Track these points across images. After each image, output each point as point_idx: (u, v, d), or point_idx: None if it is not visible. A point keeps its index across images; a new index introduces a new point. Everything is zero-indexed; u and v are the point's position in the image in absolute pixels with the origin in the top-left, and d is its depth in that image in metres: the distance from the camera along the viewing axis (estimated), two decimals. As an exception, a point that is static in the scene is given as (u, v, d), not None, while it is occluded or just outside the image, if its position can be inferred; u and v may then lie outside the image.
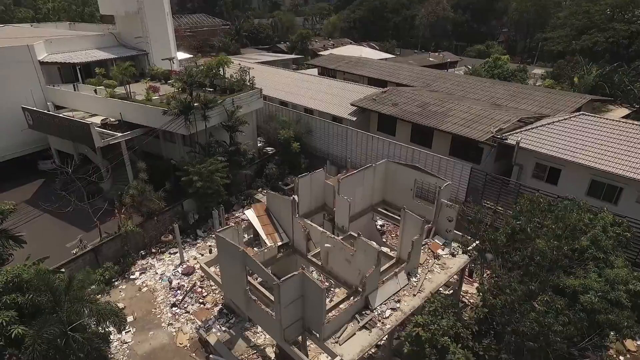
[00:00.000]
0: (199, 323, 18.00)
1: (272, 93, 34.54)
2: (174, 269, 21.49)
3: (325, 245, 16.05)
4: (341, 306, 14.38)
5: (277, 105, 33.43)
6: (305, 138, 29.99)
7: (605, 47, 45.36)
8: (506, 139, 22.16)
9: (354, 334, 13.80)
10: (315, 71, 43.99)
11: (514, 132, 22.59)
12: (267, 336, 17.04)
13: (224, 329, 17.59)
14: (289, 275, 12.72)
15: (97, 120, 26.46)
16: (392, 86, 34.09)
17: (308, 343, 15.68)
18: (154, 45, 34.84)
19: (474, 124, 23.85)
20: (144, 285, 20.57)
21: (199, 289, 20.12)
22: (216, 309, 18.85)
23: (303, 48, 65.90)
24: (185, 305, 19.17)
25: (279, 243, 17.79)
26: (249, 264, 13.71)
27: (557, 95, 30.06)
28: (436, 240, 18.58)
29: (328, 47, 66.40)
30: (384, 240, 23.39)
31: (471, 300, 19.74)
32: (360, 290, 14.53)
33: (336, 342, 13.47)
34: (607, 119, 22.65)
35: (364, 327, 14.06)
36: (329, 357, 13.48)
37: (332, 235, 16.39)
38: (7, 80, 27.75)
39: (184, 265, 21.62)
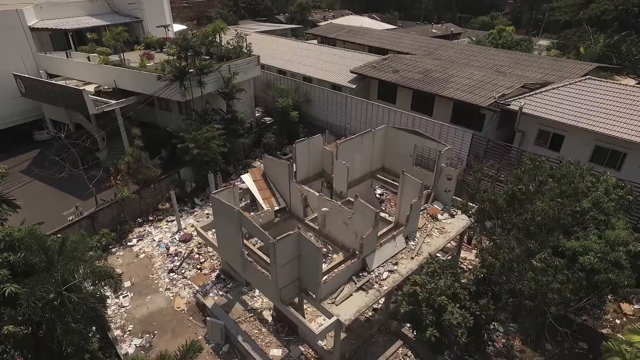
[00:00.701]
0: (197, 288, 17.97)
1: (270, 62, 33.72)
2: (171, 236, 21.38)
3: (323, 209, 15.80)
4: (338, 268, 14.22)
5: (275, 74, 32.68)
6: (304, 107, 29.44)
7: (615, 15, 43.96)
8: (509, 105, 21.63)
9: (351, 295, 13.71)
10: (314, 42, 42.91)
11: (517, 97, 22.02)
12: (265, 300, 17.04)
13: (221, 293, 17.57)
14: (285, 235, 12.50)
15: (90, 88, 25.88)
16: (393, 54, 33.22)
17: (305, 306, 15.69)
18: (148, 13, 33.80)
19: (476, 90, 23.25)
20: (142, 251, 20.49)
21: (197, 256, 20.04)
22: (213, 274, 18.80)
23: (302, 19, 64.24)
24: (183, 271, 19.13)
25: (276, 208, 17.56)
26: (244, 224, 13.48)
27: (563, 62, 29.27)
28: (435, 205, 18.34)
29: (328, 18, 64.69)
30: (383, 208, 23.17)
31: (469, 267, 19.66)
32: (358, 252, 14.36)
33: (332, 303, 13.39)
34: (613, 82, 22.01)
35: (360, 288, 13.95)
36: (326, 319, 13.42)
37: (330, 199, 16.12)
38: (-2, 50, 27.00)
39: (182, 233, 21.50)
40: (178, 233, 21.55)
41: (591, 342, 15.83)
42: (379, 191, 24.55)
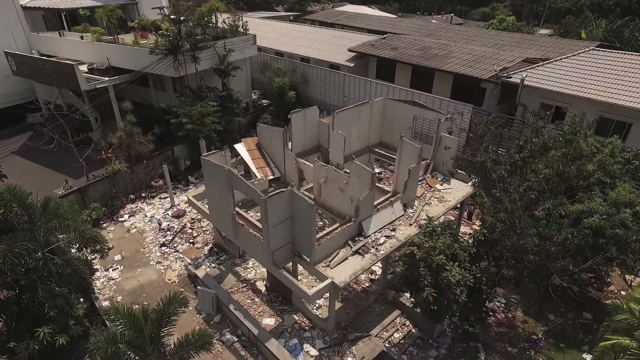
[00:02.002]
0: (189, 261, 17.45)
1: (267, 44, 33.22)
2: (164, 212, 20.86)
3: (319, 174, 15.27)
4: (333, 232, 13.68)
5: (273, 55, 32.14)
6: (301, 88, 28.90)
7: (617, 0, 43.41)
8: (510, 77, 21.08)
9: (346, 258, 13.18)
10: (313, 27, 42.39)
11: (519, 70, 21.48)
12: (258, 271, 16.51)
13: (213, 265, 17.05)
14: (277, 191, 11.99)
15: (84, 68, 25.36)
16: (392, 36, 32.70)
17: (300, 277, 15.16)
18: (143, -7, 33.32)
19: (477, 64, 22.72)
20: (133, 226, 19.97)
21: (189, 230, 19.51)
22: (206, 248, 18.27)
23: (301, 10, 63.72)
24: (175, 245, 18.60)
25: (270, 177, 17.03)
26: (235, 183, 12.94)
27: (565, 41, 28.78)
28: (434, 176, 17.79)
29: (327, 10, 64.16)
30: (381, 185, 22.61)
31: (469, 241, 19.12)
32: (354, 217, 13.81)
33: (327, 266, 12.86)
34: (617, 52, 21.45)
35: (356, 252, 13.43)
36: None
37: (325, 164, 15.58)
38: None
39: (175, 209, 20.97)
40: (171, 209, 21.02)
41: (595, 312, 15.28)
42: (377, 170, 24.01)
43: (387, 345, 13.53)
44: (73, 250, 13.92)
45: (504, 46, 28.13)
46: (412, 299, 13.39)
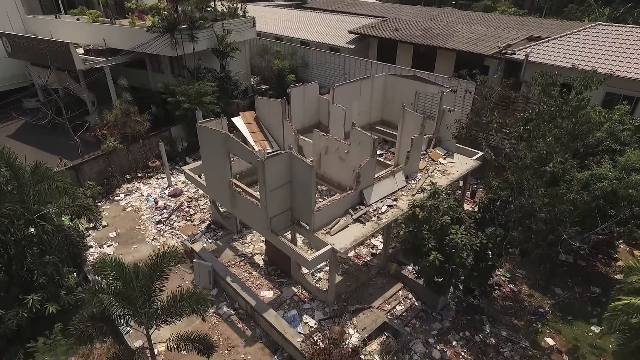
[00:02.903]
0: (185, 237, 17.01)
1: (267, 29, 32.81)
2: (160, 191, 20.44)
3: (320, 144, 14.84)
4: (333, 199, 13.24)
5: (272, 40, 31.72)
6: (301, 72, 28.48)
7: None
8: (514, 54, 20.64)
9: (347, 226, 12.74)
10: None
11: (523, 47, 21.04)
12: (256, 246, 16.07)
13: (210, 241, 16.61)
14: (275, 152, 11.55)
15: (80, 51, 24.93)
16: (393, 21, 32.26)
17: (299, 245, 14.72)
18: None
19: (480, 42, 22.29)
20: (129, 205, 19.55)
21: (187, 209, 19.08)
22: (203, 225, 17.84)
23: (301, 0, 63.29)
24: (172, 223, 18.17)
25: (269, 150, 16.58)
26: (232, 147, 12.51)
27: (568, 23, 28.32)
28: (437, 150, 17.36)
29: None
30: (382, 160, 22.16)
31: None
32: (355, 185, 13.37)
33: (327, 234, 12.42)
34: (624, 26, 21.01)
35: (358, 220, 12.99)
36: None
37: (325, 134, 15.15)
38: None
39: (171, 188, 20.53)
40: (168, 188, 20.59)
41: (604, 287, 14.83)
42: (378, 152, 23.53)
43: (389, 317, 13.08)
44: (65, 221, 13.53)
45: (507, 28, 27.65)
46: (415, 268, 12.97)
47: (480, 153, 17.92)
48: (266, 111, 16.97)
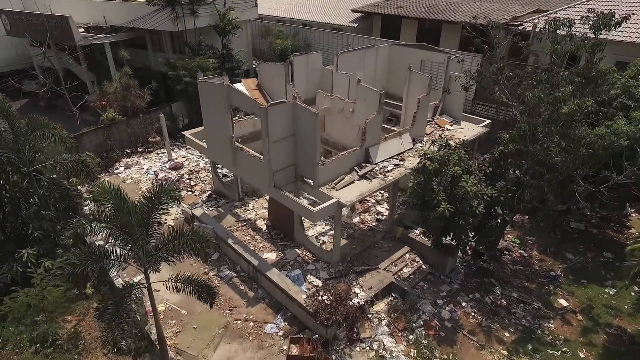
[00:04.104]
0: (185, 206, 16.61)
1: (269, 12, 32.48)
2: (161, 165, 20.06)
3: (323, 105, 14.46)
4: (339, 154, 12.84)
5: (274, 22, 31.40)
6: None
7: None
8: (521, 25, 20.24)
9: (353, 182, 12.34)
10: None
11: (530, 19, 20.65)
12: (259, 212, 15.66)
13: (211, 208, 16.21)
14: (278, 101, 11.17)
15: (80, 30, 24.62)
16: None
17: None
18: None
19: (486, 15, 21.85)
20: (129, 177, 19.18)
21: (187, 181, 18.69)
22: (204, 195, 17.45)
23: None
24: (169, 206, 17.73)
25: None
26: (234, 98, 12.11)
27: None
28: (444, 117, 16.97)
29: None
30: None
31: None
32: (360, 142, 12.97)
33: (332, 189, 12.01)
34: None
35: (363, 177, 12.59)
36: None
37: (329, 94, 14.76)
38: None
39: (172, 162, 20.15)
40: (168, 162, 20.21)
41: (617, 252, 14.38)
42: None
43: (396, 278, 12.65)
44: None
45: (513, 3, 27.28)
46: (422, 227, 12.53)
47: (488, 121, 17.60)
48: (269, 77, 16.59)
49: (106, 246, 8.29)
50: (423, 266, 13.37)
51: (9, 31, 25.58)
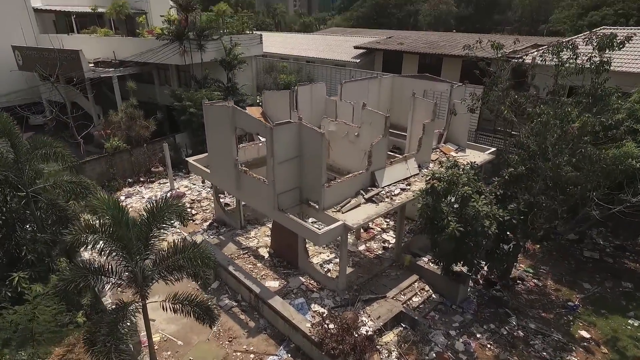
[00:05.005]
0: (185, 234, 16.17)
1: (273, 50, 33.51)
2: (162, 194, 19.79)
3: (329, 129, 14.40)
4: (345, 177, 12.58)
5: (278, 59, 32.31)
6: (306, 87, 28.67)
7: (615, 20, 44.20)
8: (521, 58, 20.67)
9: (359, 205, 11.99)
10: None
11: (530, 52, 21.13)
12: (261, 240, 15.18)
13: (212, 237, 15.74)
14: (284, 121, 11.07)
15: (90, 65, 25.33)
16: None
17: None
18: (153, 5, 34.04)
19: (486, 49, 22.41)
20: (130, 206, 18.82)
21: (189, 209, 18.33)
22: (206, 224, 17.04)
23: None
24: (172, 222, 17.33)
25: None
26: (239, 119, 12.04)
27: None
28: (449, 145, 16.88)
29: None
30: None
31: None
32: (367, 166, 12.76)
33: (338, 211, 11.65)
34: (624, 28, 21.16)
35: (370, 200, 12.25)
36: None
37: (334, 119, 14.74)
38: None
39: (174, 191, 19.91)
40: (170, 192, 19.96)
41: (636, 282, 13.72)
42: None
43: (405, 307, 11.97)
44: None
45: (510, 39, 28.10)
46: (432, 253, 12.04)
47: (493, 149, 17.49)
48: (273, 104, 16.71)
49: (101, 260, 7.86)
50: (433, 295, 12.71)
51: (20, 66, 26.26)
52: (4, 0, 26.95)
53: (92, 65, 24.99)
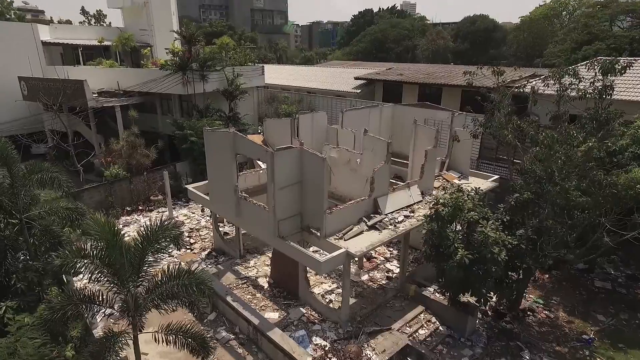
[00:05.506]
0: (183, 264, 15.69)
1: (275, 81, 34.10)
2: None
3: (330, 155, 14.26)
4: (347, 204, 12.30)
5: (280, 90, 32.80)
6: (307, 117, 28.92)
7: (607, 54, 45.24)
8: (520, 87, 20.87)
9: (362, 232, 11.65)
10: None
11: (528, 81, 21.36)
12: (260, 270, 14.71)
13: (211, 266, 15.27)
14: (285, 146, 10.93)
15: (94, 96, 25.67)
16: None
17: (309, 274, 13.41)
18: (158, 39, 34.97)
19: (486, 79, 22.72)
20: (126, 235, 18.41)
21: (187, 238, 17.94)
22: (204, 253, 16.60)
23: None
24: (170, 250, 16.87)
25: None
26: (240, 145, 11.90)
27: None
28: (451, 173, 16.70)
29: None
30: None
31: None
32: (369, 192, 12.51)
33: (340, 239, 11.30)
34: (634, 58, 21.47)
35: (373, 227, 11.91)
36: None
37: (336, 146, 14.64)
38: (7, 57, 27.26)
39: (172, 220, 19.53)
40: (169, 220, 19.58)
41: (652, 314, 13.15)
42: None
43: (411, 340, 11.37)
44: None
45: (509, 70, 28.56)
46: (438, 283, 11.58)
47: (496, 176, 17.30)
48: (274, 132, 16.68)
49: (93, 288, 7.47)
50: (440, 327, 12.12)
51: (25, 96, 26.58)
52: (15, 34, 27.74)
53: (96, 95, 25.30)
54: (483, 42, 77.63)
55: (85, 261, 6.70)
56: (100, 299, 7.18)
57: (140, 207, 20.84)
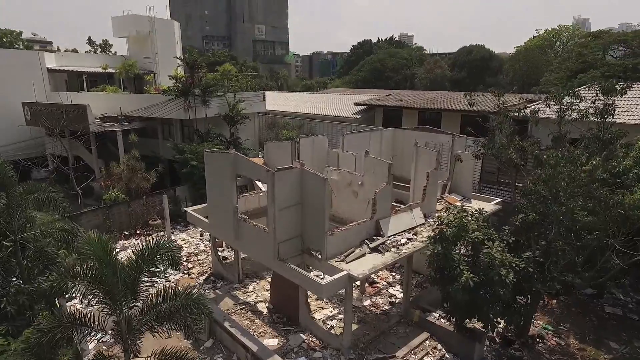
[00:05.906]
0: (180, 288, 15.25)
1: (276, 107, 34.49)
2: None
3: (331, 177, 14.15)
4: (349, 225, 12.07)
5: (281, 116, 33.12)
6: (308, 142, 29.06)
7: (602, 81, 46.18)
8: (519, 111, 21.05)
9: (364, 255, 11.37)
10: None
11: (527, 106, 21.55)
12: (259, 295, 14.29)
13: (208, 291, 14.87)
14: (286, 167, 10.83)
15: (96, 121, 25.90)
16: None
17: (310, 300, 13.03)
18: (161, 66, 35.65)
19: (485, 104, 22.96)
20: (123, 258, 18.04)
21: (185, 263, 17.58)
22: (202, 278, 16.22)
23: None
24: (167, 275, 16.55)
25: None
26: (240, 166, 11.79)
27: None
28: (453, 195, 16.55)
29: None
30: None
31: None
32: (371, 214, 12.32)
33: (342, 261, 11.01)
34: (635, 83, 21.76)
35: (375, 250, 11.64)
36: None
37: (337, 168, 14.55)
38: (12, 83, 27.68)
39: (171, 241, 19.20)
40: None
41: (667, 341, 12.65)
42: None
43: (417, 368, 10.88)
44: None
45: (507, 95, 28.90)
46: (443, 308, 11.19)
47: (499, 199, 17.13)
48: (275, 155, 16.64)
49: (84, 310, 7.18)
50: (446, 355, 11.63)
51: (28, 121, 26.79)
52: (21, 61, 28.32)
53: (98, 119, 25.49)
54: (480, 70, 79.28)
55: (76, 281, 6.44)
56: (92, 322, 6.87)
57: (138, 232, 20.55)
